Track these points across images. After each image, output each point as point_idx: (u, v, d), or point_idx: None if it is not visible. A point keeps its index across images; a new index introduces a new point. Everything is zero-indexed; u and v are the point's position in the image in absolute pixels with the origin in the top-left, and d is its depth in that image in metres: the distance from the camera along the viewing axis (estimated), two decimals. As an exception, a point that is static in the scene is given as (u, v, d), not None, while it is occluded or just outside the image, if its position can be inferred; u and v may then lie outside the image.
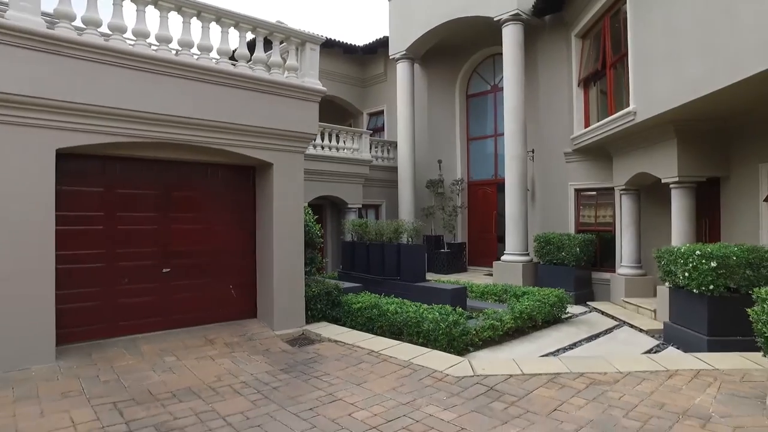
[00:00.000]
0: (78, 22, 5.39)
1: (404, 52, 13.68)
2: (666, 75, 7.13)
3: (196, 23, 6.34)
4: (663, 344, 6.87)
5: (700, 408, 4.05)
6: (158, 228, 6.42)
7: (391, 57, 14.15)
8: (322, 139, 12.42)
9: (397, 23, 13.90)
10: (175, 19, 6.21)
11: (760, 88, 5.65)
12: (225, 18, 6.51)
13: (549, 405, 4.23)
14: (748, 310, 4.47)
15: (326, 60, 15.71)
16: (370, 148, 13.79)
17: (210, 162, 6.78)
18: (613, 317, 8.55)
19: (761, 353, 4.43)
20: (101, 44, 5.22)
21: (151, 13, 6.70)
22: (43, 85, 4.90)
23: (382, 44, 15.35)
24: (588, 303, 9.83)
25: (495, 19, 11.28)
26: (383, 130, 16.75)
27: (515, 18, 11.03)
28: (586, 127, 10.53)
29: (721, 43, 5.82)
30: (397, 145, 14.23)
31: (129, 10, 5.81)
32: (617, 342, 7.09)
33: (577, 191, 11.18)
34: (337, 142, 12.76)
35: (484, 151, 14.15)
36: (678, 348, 6.58)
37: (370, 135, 14.05)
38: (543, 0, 10.68)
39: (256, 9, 52.11)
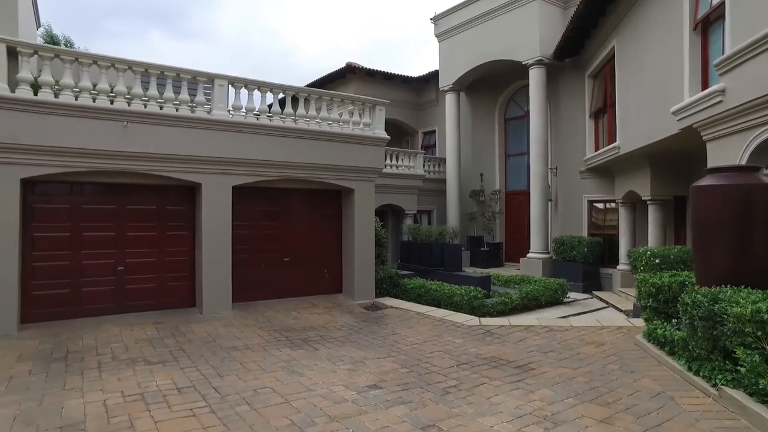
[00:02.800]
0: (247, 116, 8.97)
1: (451, 85, 16.69)
2: (634, 123, 9.85)
3: (307, 100, 9.81)
4: (628, 318, 9.57)
5: (602, 339, 6.99)
6: (282, 231, 9.97)
7: (441, 89, 17.21)
8: (385, 159, 15.70)
9: (445, 62, 16.93)
10: (297, 100, 9.71)
11: (685, 139, 8.28)
12: (335, 98, 9.96)
13: (519, 338, 7.28)
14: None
15: (388, 89, 19.13)
16: (423, 165, 16.93)
17: (312, 189, 10.25)
18: (605, 301, 11.23)
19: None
20: (264, 124, 8.79)
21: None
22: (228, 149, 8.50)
23: (433, 76, 18.43)
24: (593, 292, 12.47)
25: (523, 63, 14.10)
26: (435, 146, 19.86)
27: (538, 63, 13.79)
28: (595, 151, 13.16)
29: (660, 108, 8.53)
30: (445, 161, 17.27)
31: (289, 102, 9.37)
32: (596, 316, 9.85)
33: (590, 202, 13.84)
34: (397, 161, 15.98)
35: (518, 165, 16.91)
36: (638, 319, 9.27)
37: (424, 154, 17.19)
38: (562, 47, 13.39)
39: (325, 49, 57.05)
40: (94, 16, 52.42)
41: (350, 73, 18.51)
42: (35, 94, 7.10)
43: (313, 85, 19.80)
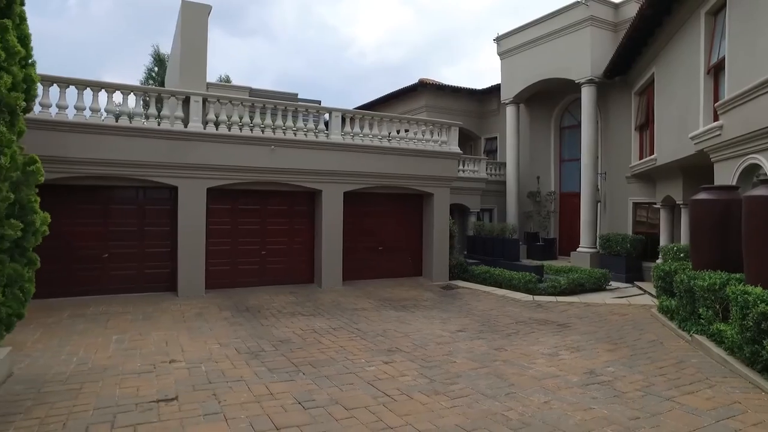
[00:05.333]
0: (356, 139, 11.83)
1: (511, 99, 18.91)
2: (666, 140, 11.86)
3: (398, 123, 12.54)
4: (656, 299, 11.63)
5: (627, 312, 9.28)
6: (376, 227, 12.80)
7: (502, 101, 19.47)
8: (452, 165, 18.20)
9: (506, 78, 19.17)
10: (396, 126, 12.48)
11: (701, 158, 10.24)
12: (419, 122, 12.63)
13: (562, 309, 9.69)
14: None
15: (455, 100, 21.64)
16: (486, 168, 19.29)
17: (400, 193, 12.97)
18: (642, 289, 13.24)
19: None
20: (367, 144, 11.62)
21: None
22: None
23: (495, 88, 20.69)
24: (634, 282, 14.44)
25: (576, 81, 16.16)
26: (496, 151, 22.13)
27: (589, 82, 15.82)
28: (639, 160, 15.07)
29: (683, 131, 10.57)
30: (505, 165, 19.53)
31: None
32: (630, 299, 11.98)
33: (634, 204, 15.76)
34: (463, 166, 18.42)
35: (572, 169, 18.89)
36: (664, 302, 11.34)
37: (486, 159, 19.55)
38: (611, 68, 15.34)
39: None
40: (153, 16, 56.69)
41: (422, 87, 21.13)
42: (216, 128, 10.22)
43: (388, 98, 22.64)
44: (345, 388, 5.06)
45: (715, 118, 9.28)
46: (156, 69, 30.84)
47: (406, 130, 12.78)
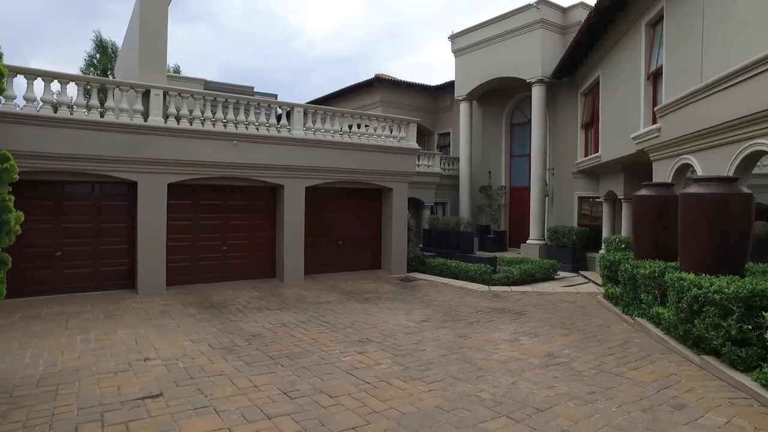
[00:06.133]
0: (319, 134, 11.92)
1: (465, 96, 19.51)
2: (609, 139, 12.73)
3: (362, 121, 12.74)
4: (600, 287, 12.52)
5: (575, 299, 10.00)
6: (337, 221, 12.98)
7: (456, 98, 20.04)
8: (408, 160, 18.60)
9: (460, 75, 19.74)
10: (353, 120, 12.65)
11: (641, 157, 11.12)
12: (379, 118, 12.85)
13: (517, 298, 10.29)
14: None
15: (410, 96, 22.04)
16: (440, 163, 19.83)
17: (360, 188, 13.20)
18: (587, 278, 14.18)
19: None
20: (328, 140, 11.75)
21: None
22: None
23: (449, 85, 21.25)
24: (579, 271, 15.41)
25: (527, 81, 16.91)
26: (449, 146, 22.75)
27: (539, 81, 16.60)
28: (584, 156, 16.03)
29: (625, 131, 11.40)
30: (458, 160, 20.15)
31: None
32: (577, 287, 12.83)
33: (580, 198, 16.75)
34: (418, 161, 18.86)
35: (521, 165, 19.77)
36: (607, 290, 12.24)
37: (440, 154, 20.09)
38: (560, 69, 16.17)
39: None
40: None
41: (377, 83, 21.38)
42: (178, 123, 10.07)
43: (343, 92, 22.75)
44: (325, 378, 5.30)
45: (654, 121, 10.11)
46: (98, 56, 29.39)
47: (367, 126, 13.01)
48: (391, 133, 13.36)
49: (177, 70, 31.08)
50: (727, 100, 7.08)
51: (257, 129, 11.11)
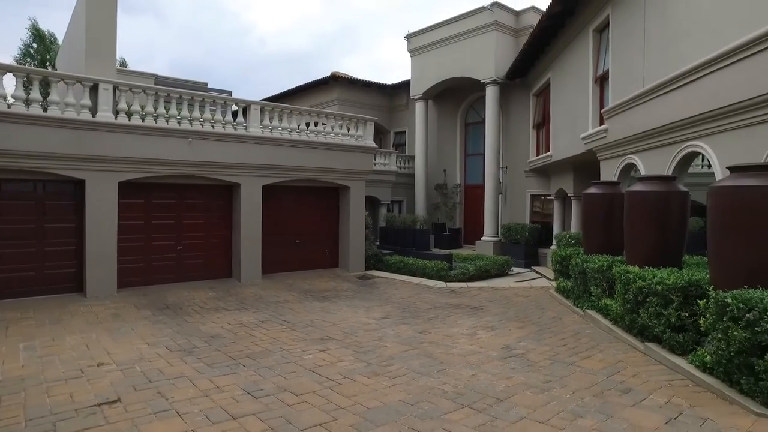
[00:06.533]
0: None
1: (420, 95, 19.76)
2: (560, 139, 13.25)
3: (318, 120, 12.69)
4: (552, 282, 13.03)
5: (529, 294, 10.37)
6: (295, 219, 12.89)
7: (411, 97, 20.27)
8: (365, 158, 18.67)
9: (416, 75, 19.97)
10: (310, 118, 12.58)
11: (590, 156, 11.67)
12: (337, 116, 12.83)
13: (474, 294, 10.57)
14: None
15: (366, 94, 22.11)
16: (396, 162, 20.01)
17: (317, 186, 13.16)
18: (539, 273, 14.72)
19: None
20: (286, 138, 11.63)
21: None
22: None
23: (405, 84, 21.46)
24: (532, 267, 15.96)
25: (481, 81, 17.32)
26: (405, 145, 22.98)
27: (493, 82, 17.04)
28: (536, 156, 16.60)
29: (575, 132, 11.91)
30: (414, 159, 20.40)
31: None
32: (530, 282, 13.30)
33: (532, 196, 17.34)
34: (375, 159, 18.96)
35: (476, 163, 20.24)
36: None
37: (397, 153, 20.27)
38: (513, 70, 16.66)
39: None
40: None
41: (333, 81, 21.31)
42: (129, 119, 9.71)
43: (300, 89, 22.55)
44: (289, 377, 5.29)
45: (602, 122, 10.62)
46: (35, 45, 27.78)
47: (324, 124, 12.98)
48: (349, 131, 13.38)
49: (123, 64, 29.84)
50: (666, 104, 7.55)
51: (213, 126, 10.87)
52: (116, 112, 9.57)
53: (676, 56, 7.59)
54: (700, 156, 7.52)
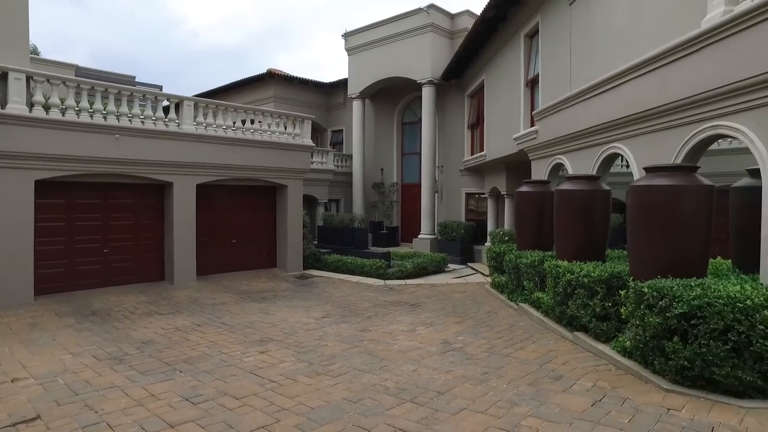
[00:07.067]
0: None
1: (358, 94, 19.80)
2: (493, 139, 13.76)
3: (255, 118, 12.38)
4: (487, 277, 13.53)
5: (466, 290, 10.71)
6: (230, 219, 12.52)
7: (349, 96, 20.26)
8: (303, 156, 18.45)
9: (353, 74, 19.98)
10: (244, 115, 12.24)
11: (522, 156, 12.20)
12: (274, 114, 12.57)
13: (412, 291, 10.76)
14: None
15: (303, 92, 21.85)
16: (333, 160, 19.94)
17: (254, 185, 12.86)
18: (474, 269, 15.21)
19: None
20: (221, 135, 11.26)
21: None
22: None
23: (342, 82, 21.42)
24: (467, 263, 16.47)
25: (417, 81, 17.62)
26: (342, 143, 22.94)
27: (429, 82, 17.38)
28: (470, 155, 17.12)
29: (507, 132, 12.41)
30: (352, 157, 20.41)
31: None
32: (466, 279, 13.72)
33: (467, 194, 17.88)
34: (312, 158, 18.78)
35: (413, 162, 20.58)
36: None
37: (334, 152, 20.19)
38: (448, 72, 17.06)
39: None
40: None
41: (270, 78, 20.88)
42: (47, 113, 9.03)
43: (235, 86, 21.91)
44: (229, 380, 5.16)
45: (532, 124, 11.14)
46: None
47: (260, 122, 12.71)
48: (286, 129, 13.18)
49: (35, 52, 27.56)
50: (589, 108, 8.06)
51: (142, 122, 10.34)
52: (31, 105, 8.87)
53: (599, 64, 8.12)
54: (620, 157, 8.09)
